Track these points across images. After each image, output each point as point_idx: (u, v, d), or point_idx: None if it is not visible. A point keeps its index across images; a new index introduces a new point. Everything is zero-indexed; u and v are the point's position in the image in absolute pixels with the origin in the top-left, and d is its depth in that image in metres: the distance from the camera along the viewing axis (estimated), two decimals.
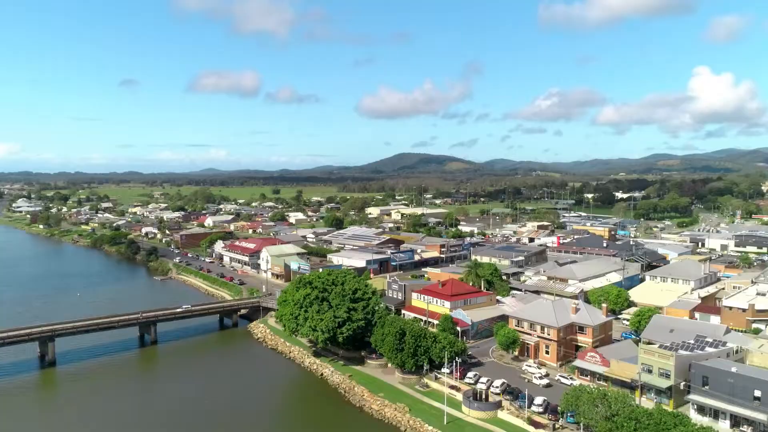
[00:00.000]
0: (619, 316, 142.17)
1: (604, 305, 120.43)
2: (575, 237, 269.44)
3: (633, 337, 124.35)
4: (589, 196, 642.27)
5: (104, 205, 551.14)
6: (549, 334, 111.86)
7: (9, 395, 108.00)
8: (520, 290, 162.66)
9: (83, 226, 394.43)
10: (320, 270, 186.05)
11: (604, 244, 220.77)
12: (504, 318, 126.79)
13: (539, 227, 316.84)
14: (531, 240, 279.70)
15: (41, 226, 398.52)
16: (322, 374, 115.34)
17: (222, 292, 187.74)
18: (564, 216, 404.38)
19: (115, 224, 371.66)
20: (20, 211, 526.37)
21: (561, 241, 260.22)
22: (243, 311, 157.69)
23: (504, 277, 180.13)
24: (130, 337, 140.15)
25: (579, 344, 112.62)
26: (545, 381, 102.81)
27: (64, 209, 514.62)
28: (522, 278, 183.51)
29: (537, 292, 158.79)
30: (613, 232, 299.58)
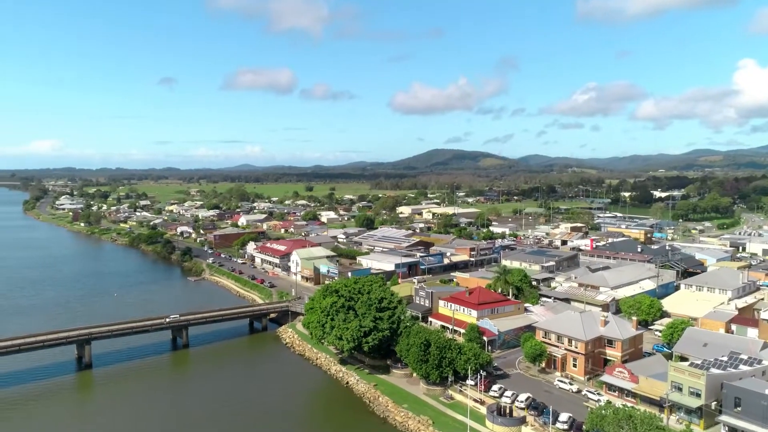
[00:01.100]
0: (651, 327, 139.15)
1: (634, 318, 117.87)
2: (609, 240, 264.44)
3: (665, 350, 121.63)
4: (626, 194, 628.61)
5: (142, 203, 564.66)
6: (576, 347, 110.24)
7: (48, 397, 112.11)
8: (550, 297, 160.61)
9: (122, 225, 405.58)
10: (349, 274, 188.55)
11: (639, 249, 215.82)
12: (532, 328, 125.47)
13: (572, 229, 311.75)
14: (564, 242, 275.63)
15: (82, 224, 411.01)
16: (347, 383, 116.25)
17: (253, 294, 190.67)
18: (599, 216, 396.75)
19: (152, 223, 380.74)
20: (63, 209, 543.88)
21: (594, 245, 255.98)
22: (272, 315, 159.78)
23: (534, 283, 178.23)
24: (163, 340, 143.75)
25: (607, 358, 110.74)
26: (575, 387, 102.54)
27: (104, 207, 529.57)
28: (552, 284, 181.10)
29: (567, 300, 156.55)
30: (649, 235, 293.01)
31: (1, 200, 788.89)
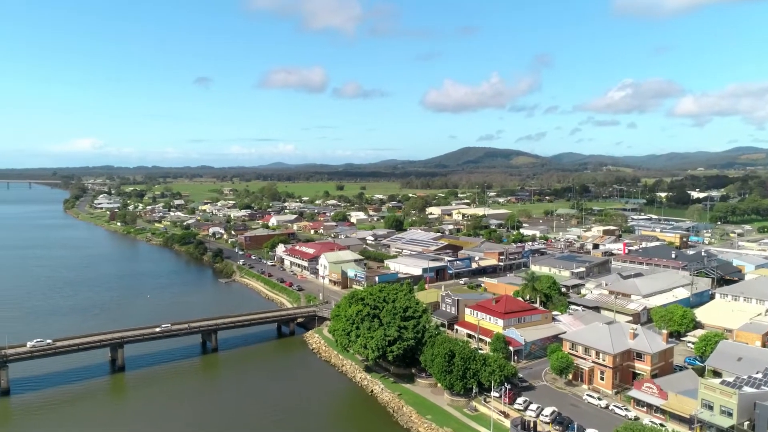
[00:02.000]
0: (683, 339, 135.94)
1: (664, 331, 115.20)
2: (642, 245, 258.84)
3: (697, 363, 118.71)
4: (662, 195, 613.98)
5: (176, 202, 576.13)
6: (604, 360, 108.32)
7: (83, 399, 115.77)
8: (579, 305, 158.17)
9: (156, 224, 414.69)
10: (376, 278, 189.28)
11: (673, 255, 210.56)
12: (559, 338, 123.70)
13: (605, 232, 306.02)
14: (595, 246, 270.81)
15: (118, 224, 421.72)
16: (372, 391, 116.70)
17: (281, 297, 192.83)
18: (632, 218, 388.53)
19: (185, 223, 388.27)
20: (101, 208, 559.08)
21: (627, 249, 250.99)
22: (300, 320, 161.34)
23: (563, 290, 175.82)
24: (194, 344, 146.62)
25: (636, 372, 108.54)
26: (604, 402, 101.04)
27: (140, 206, 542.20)
28: (582, 291, 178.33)
29: (597, 309, 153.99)
30: (684, 239, 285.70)
31: (43, 199, 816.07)
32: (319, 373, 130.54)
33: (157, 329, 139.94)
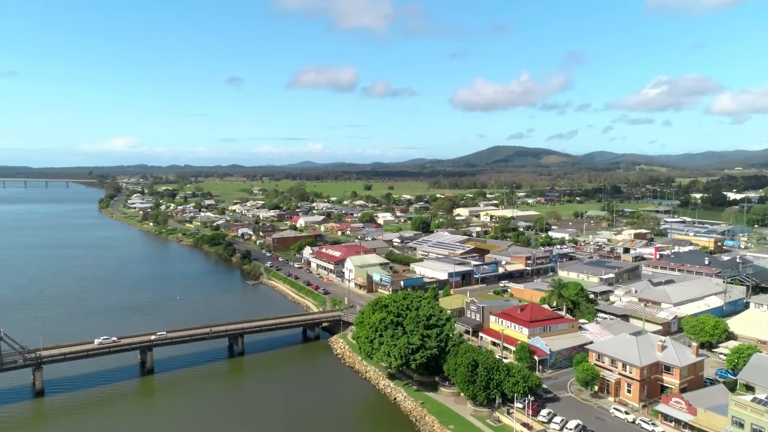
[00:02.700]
0: (714, 350, 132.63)
1: (694, 344, 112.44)
2: (675, 249, 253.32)
3: (729, 376, 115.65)
4: (697, 196, 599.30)
5: (207, 202, 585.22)
6: (631, 373, 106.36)
7: (113, 401, 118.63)
8: (607, 314, 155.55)
9: (187, 225, 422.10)
10: (401, 283, 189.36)
11: (706, 261, 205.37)
12: (586, 348, 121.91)
13: (636, 236, 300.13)
14: (626, 250, 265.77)
15: (151, 224, 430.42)
16: (395, 399, 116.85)
17: (307, 301, 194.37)
18: (665, 221, 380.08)
19: (215, 223, 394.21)
20: (134, 207, 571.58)
21: (659, 254, 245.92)
22: (324, 324, 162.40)
23: (591, 296, 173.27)
24: (220, 347, 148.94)
25: (665, 385, 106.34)
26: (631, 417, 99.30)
27: (172, 206, 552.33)
28: (611, 298, 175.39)
29: (625, 317, 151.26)
30: (719, 243, 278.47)
31: (79, 198, 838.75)
32: (342, 379, 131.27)
33: (185, 333, 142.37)
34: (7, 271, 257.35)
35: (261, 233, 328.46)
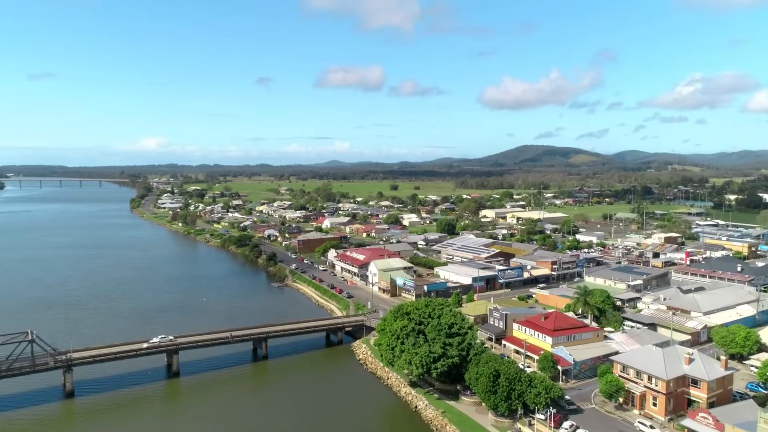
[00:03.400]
0: (745, 362, 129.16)
1: (723, 357, 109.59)
2: (706, 254, 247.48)
3: (760, 390, 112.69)
4: (731, 197, 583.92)
5: (234, 202, 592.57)
6: (657, 386, 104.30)
7: (140, 404, 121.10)
8: (634, 322, 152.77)
9: (215, 225, 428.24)
10: (425, 287, 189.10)
11: (739, 268, 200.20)
12: (611, 357, 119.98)
13: (666, 239, 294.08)
14: (655, 255, 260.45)
15: (180, 224, 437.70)
16: (416, 407, 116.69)
17: (331, 304, 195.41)
18: (697, 224, 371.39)
19: (242, 224, 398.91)
20: (164, 207, 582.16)
21: (689, 259, 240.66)
22: (348, 329, 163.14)
23: (618, 303, 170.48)
24: (245, 351, 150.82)
25: (692, 399, 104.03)
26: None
27: (200, 206, 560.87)
28: (639, 305, 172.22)
29: (653, 326, 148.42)
30: (753, 248, 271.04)
31: (112, 197, 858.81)
32: (364, 385, 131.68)
33: (211, 336, 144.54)
34: (43, 271, 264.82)
35: (287, 235, 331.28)
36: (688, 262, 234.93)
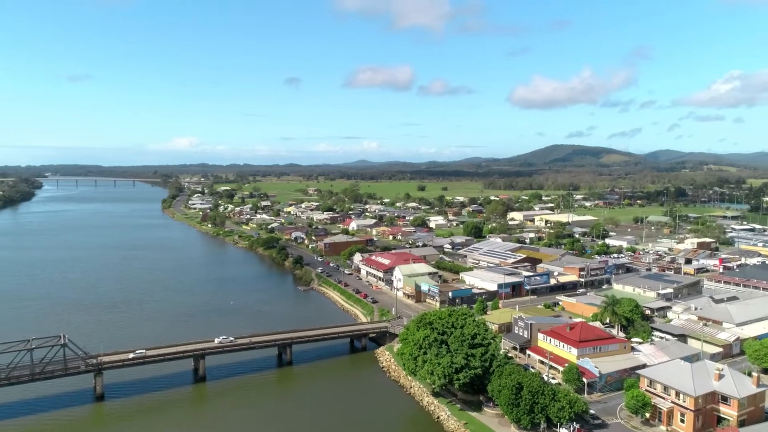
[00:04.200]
0: None
1: (755, 374, 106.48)
2: (741, 261, 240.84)
3: None
4: None
5: (263, 203, 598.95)
6: (685, 402, 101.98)
7: (169, 407, 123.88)
8: (663, 332, 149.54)
9: (243, 226, 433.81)
10: (449, 293, 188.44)
11: None
12: (638, 370, 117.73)
13: (699, 245, 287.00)
14: (688, 261, 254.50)
15: (209, 225, 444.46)
16: (438, 417, 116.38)
17: (356, 309, 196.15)
18: (732, 228, 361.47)
19: (270, 226, 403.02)
20: (194, 208, 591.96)
21: (723, 266, 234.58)
22: (372, 335, 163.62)
23: (647, 312, 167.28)
24: (270, 356, 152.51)
25: (722, 416, 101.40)
26: None
27: (230, 207, 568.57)
28: (669, 315, 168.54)
29: (683, 337, 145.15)
30: None
31: (144, 197, 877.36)
32: (387, 393, 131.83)
33: (237, 342, 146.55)
34: (78, 272, 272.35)
35: (313, 237, 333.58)
36: (721, 270, 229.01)
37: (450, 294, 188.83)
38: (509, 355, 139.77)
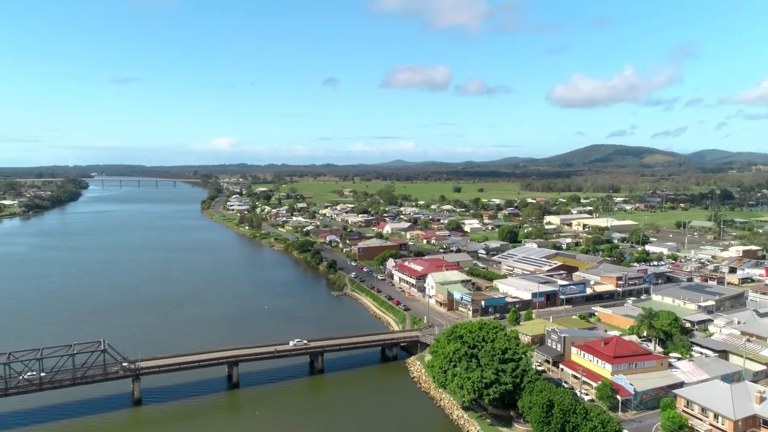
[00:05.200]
0: None
1: None
2: None
3: None
4: None
5: (299, 205, 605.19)
6: (723, 425, 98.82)
7: (204, 413, 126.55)
8: (703, 348, 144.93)
9: (279, 229, 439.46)
10: (482, 302, 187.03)
11: None
12: (676, 389, 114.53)
13: (745, 253, 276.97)
14: (732, 270, 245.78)
15: (246, 227, 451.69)
16: (467, 431, 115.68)
17: (388, 317, 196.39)
18: None
19: (305, 229, 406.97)
20: (232, 209, 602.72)
21: None
22: (403, 344, 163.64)
23: (687, 324, 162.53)
24: (302, 363, 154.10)
25: None
26: None
27: (267, 209, 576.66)
28: (710, 328, 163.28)
29: (724, 353, 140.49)
30: None
31: (184, 198, 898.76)
32: (417, 405, 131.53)
33: (270, 348, 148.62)
34: (120, 273, 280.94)
35: (347, 241, 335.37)
36: (767, 281, 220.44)
37: (483, 303, 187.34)
38: (542, 368, 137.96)
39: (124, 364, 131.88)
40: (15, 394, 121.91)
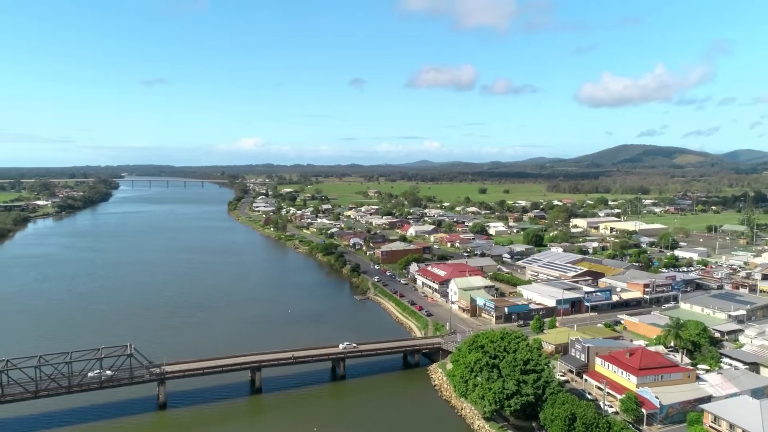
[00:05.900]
0: None
1: None
2: None
3: None
4: None
5: (324, 206, 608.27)
6: None
7: (228, 418, 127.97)
8: (733, 359, 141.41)
9: (304, 231, 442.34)
10: (506, 309, 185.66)
11: None
12: (703, 403, 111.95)
13: None
14: (765, 277, 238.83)
15: (272, 229, 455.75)
16: None
17: (410, 322, 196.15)
18: None
19: (329, 231, 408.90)
20: (258, 211, 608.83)
21: None
22: (425, 350, 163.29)
23: (717, 334, 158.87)
24: (324, 369, 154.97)
25: None
26: None
27: (291, 210, 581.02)
28: (741, 339, 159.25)
29: (755, 365, 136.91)
30: None
31: (211, 198, 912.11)
32: (438, 413, 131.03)
33: (292, 354, 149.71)
34: (147, 275, 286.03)
35: (371, 244, 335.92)
36: None
37: (506, 309, 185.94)
38: (565, 378, 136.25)
39: (151, 369, 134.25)
40: (45, 396, 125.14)
